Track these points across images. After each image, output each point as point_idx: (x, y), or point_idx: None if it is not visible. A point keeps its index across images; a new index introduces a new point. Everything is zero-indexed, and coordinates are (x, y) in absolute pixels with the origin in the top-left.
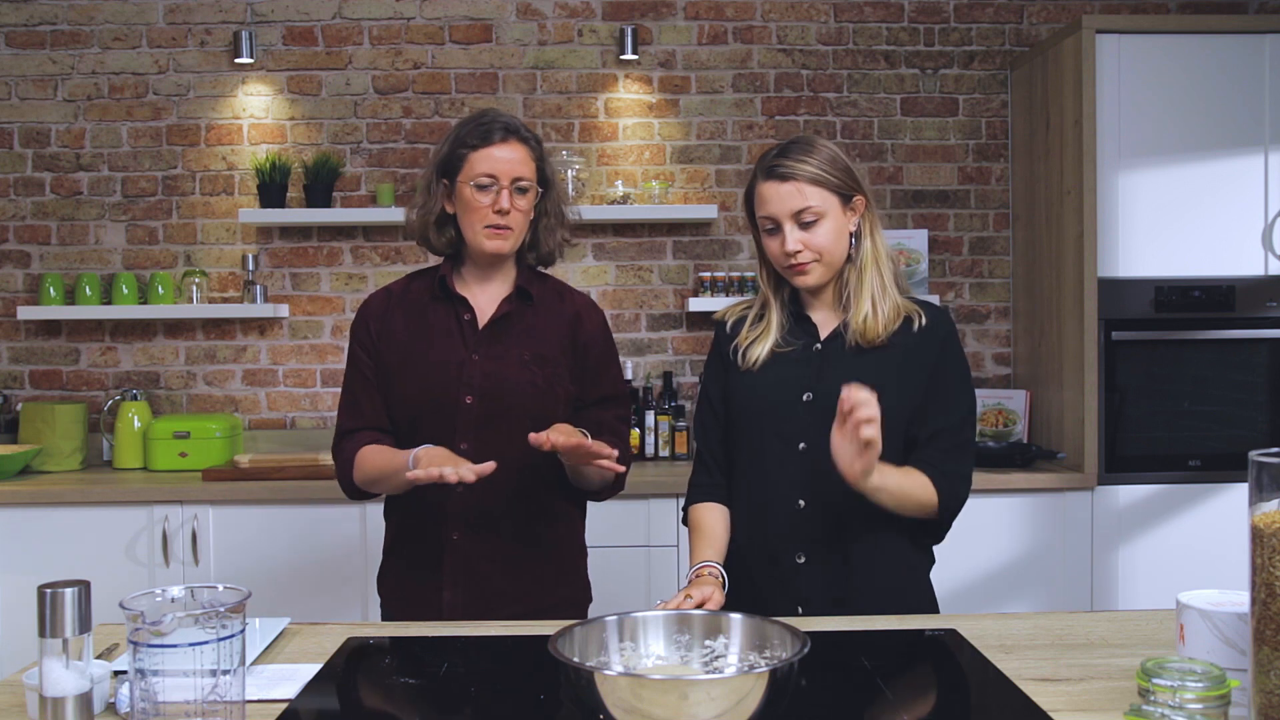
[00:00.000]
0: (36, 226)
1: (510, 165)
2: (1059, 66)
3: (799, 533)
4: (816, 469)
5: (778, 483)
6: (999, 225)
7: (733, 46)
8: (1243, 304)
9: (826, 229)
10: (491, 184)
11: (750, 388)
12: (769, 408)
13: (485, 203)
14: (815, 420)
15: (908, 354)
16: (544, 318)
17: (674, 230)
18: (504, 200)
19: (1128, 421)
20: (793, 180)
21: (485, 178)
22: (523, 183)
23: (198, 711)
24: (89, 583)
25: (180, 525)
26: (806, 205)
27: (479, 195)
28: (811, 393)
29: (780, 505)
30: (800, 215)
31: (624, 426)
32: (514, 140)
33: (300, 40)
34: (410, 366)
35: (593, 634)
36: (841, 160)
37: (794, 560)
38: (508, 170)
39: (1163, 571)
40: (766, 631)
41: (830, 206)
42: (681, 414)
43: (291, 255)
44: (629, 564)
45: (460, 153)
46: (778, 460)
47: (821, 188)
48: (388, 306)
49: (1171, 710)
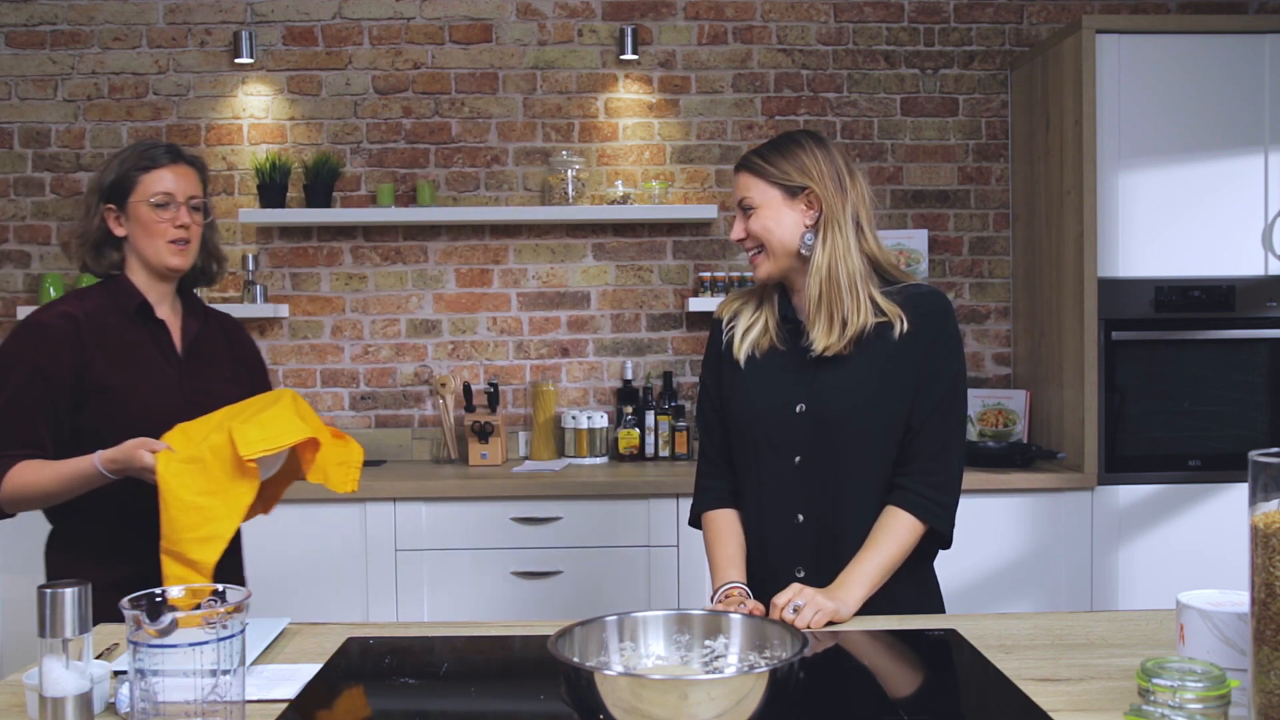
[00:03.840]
0: (36, 226)
1: (184, 184)
2: (1059, 66)
3: (798, 547)
4: (813, 483)
5: (775, 496)
6: (999, 225)
7: (733, 46)
8: (1243, 304)
9: (762, 218)
10: (168, 201)
11: (745, 395)
12: (763, 418)
13: (165, 218)
14: (809, 433)
15: (899, 353)
16: (217, 336)
17: (674, 230)
18: (184, 215)
19: (1128, 421)
20: (742, 171)
21: (162, 195)
22: (195, 201)
23: (198, 711)
24: (89, 583)
25: None
26: (746, 194)
27: (158, 213)
28: (804, 404)
29: (778, 519)
30: (742, 203)
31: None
32: (181, 163)
33: (300, 40)
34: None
35: (593, 634)
36: (809, 157)
37: (793, 574)
38: (182, 189)
39: (1163, 571)
40: (766, 631)
41: (768, 196)
42: (681, 414)
43: (291, 255)
44: (629, 564)
45: (132, 175)
46: (774, 473)
47: (761, 178)
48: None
49: (1171, 710)
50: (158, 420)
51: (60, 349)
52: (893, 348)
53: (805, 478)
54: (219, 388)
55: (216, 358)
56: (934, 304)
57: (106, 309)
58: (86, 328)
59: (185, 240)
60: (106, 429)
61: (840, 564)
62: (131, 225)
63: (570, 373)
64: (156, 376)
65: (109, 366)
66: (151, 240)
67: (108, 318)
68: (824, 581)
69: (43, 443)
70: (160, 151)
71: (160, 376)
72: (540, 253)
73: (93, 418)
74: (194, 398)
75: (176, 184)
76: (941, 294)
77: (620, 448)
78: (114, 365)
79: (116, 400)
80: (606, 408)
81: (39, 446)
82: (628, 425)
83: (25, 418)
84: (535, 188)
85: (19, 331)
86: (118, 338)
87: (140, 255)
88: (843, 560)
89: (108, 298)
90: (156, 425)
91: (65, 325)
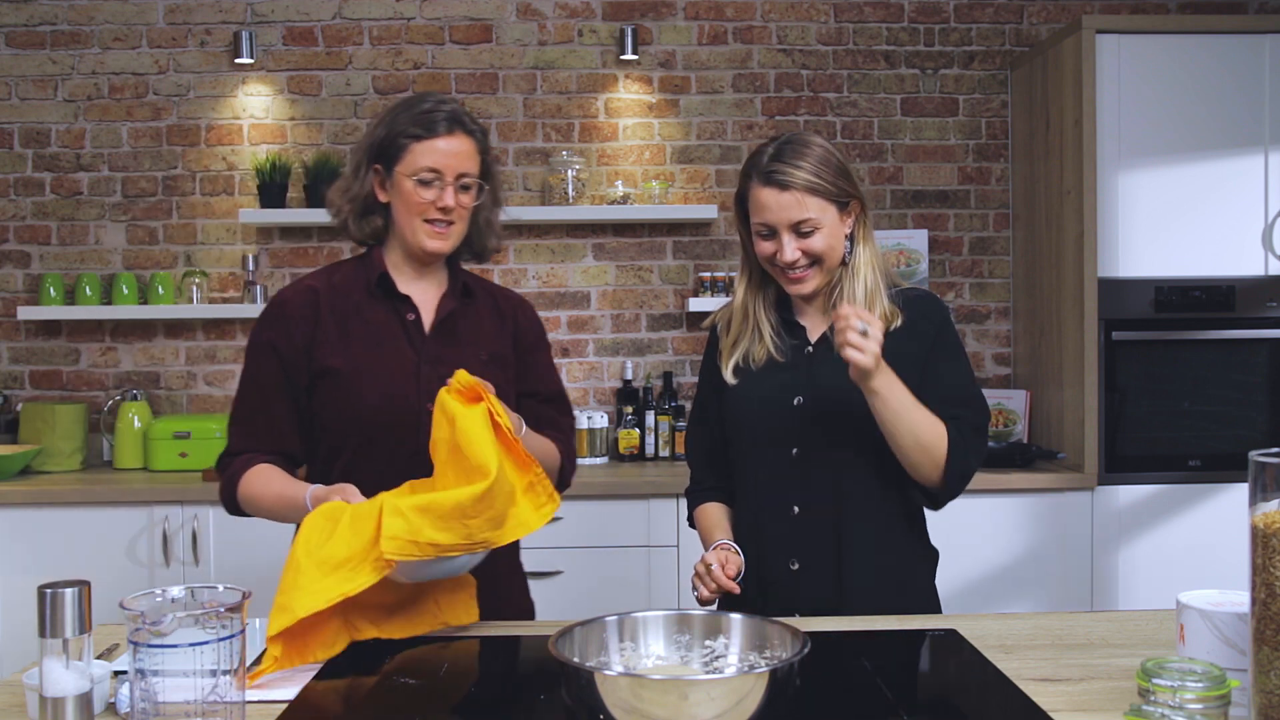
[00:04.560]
0: (36, 226)
1: (456, 160)
2: (1059, 66)
3: (794, 539)
4: (810, 475)
5: (772, 489)
6: (999, 225)
7: (733, 46)
8: (1243, 304)
9: (823, 236)
10: (434, 179)
11: (741, 393)
12: (760, 413)
13: (427, 199)
14: (806, 425)
15: (899, 352)
16: (486, 315)
17: (674, 230)
18: (448, 198)
19: (1128, 421)
20: (791, 190)
21: (428, 173)
22: (467, 179)
23: (198, 711)
24: (89, 583)
25: (180, 525)
26: (806, 216)
27: (421, 191)
28: (802, 396)
29: (775, 512)
30: (799, 226)
31: (571, 425)
32: (460, 132)
33: (300, 40)
34: (361, 377)
35: (593, 634)
36: (835, 160)
37: (788, 567)
38: (454, 166)
39: (1163, 571)
40: (766, 632)
41: (828, 216)
42: (681, 414)
43: (291, 255)
44: (629, 564)
45: (401, 142)
46: (770, 466)
47: (820, 197)
48: (315, 305)
49: (1171, 710)
50: (384, 410)
51: (294, 324)
52: (890, 348)
53: (802, 470)
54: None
55: (473, 341)
56: (933, 308)
57: (352, 283)
58: (326, 302)
59: (447, 223)
60: (330, 416)
61: (836, 556)
62: (394, 195)
63: (570, 373)
64: (389, 360)
65: (337, 346)
66: (410, 218)
67: (353, 293)
68: (820, 576)
69: (281, 430)
70: (440, 117)
71: (394, 361)
72: (540, 253)
73: (317, 403)
74: (430, 386)
75: (448, 159)
76: (939, 298)
77: (620, 448)
78: (344, 345)
79: (339, 385)
80: (606, 408)
81: (278, 436)
82: (628, 425)
83: (263, 401)
84: (535, 188)
85: (264, 309)
86: (357, 315)
87: (398, 229)
88: (838, 552)
89: (357, 271)
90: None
91: (302, 299)
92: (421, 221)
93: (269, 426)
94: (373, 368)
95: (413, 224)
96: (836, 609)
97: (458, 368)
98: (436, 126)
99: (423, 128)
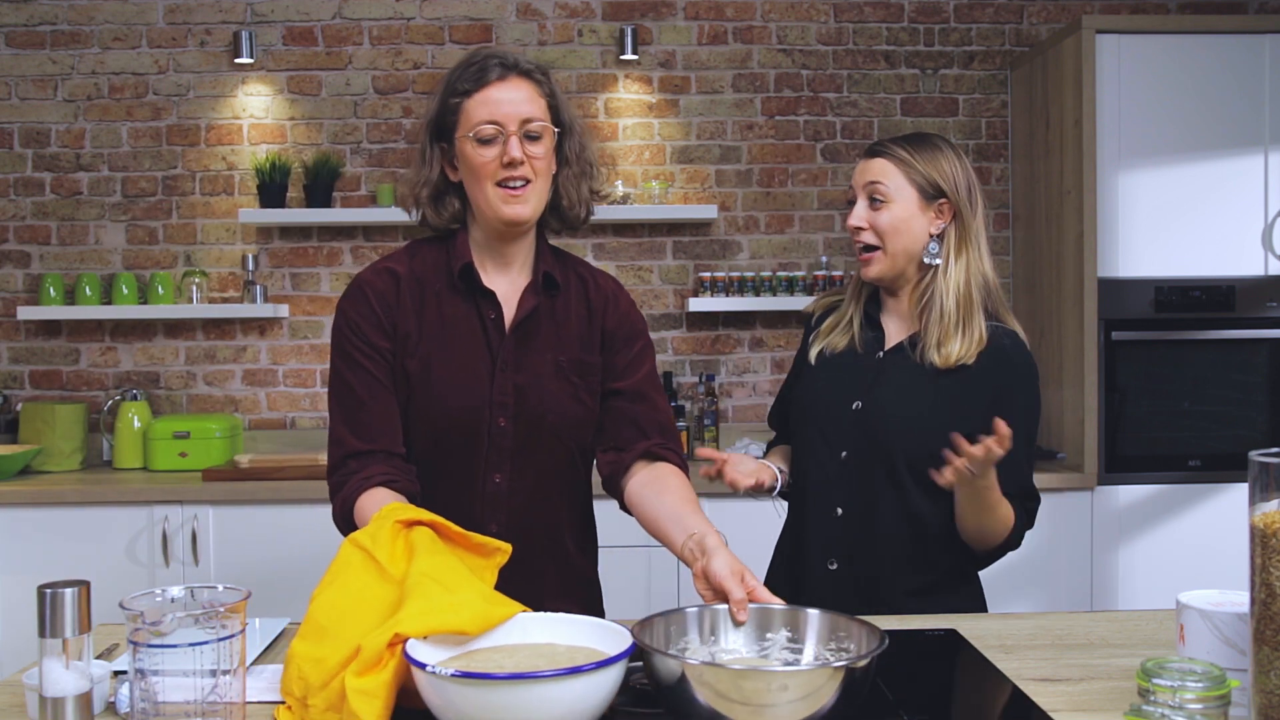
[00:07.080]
0: (36, 226)
1: (515, 106)
2: (1059, 66)
3: (833, 540)
4: (855, 479)
5: (819, 488)
6: (999, 225)
7: (733, 46)
8: (1243, 304)
9: (893, 214)
10: (496, 134)
11: (809, 383)
12: (818, 411)
13: (491, 156)
14: (860, 430)
15: (972, 382)
16: (573, 311)
17: (674, 230)
18: (514, 149)
19: (1128, 421)
20: (880, 157)
21: (487, 125)
22: (533, 125)
23: (198, 711)
24: (89, 583)
25: (180, 525)
26: (878, 180)
27: (483, 150)
28: (861, 402)
29: (819, 510)
30: (872, 188)
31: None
32: (514, 76)
33: (300, 40)
34: (431, 377)
35: (674, 623)
36: (950, 165)
37: (827, 567)
38: (512, 113)
39: (1163, 571)
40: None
41: (903, 196)
42: (681, 414)
43: (291, 255)
44: (629, 564)
45: (453, 103)
46: (820, 465)
47: (901, 173)
48: (396, 290)
49: (1171, 710)
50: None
51: (374, 306)
52: (966, 376)
53: (849, 473)
54: (547, 385)
55: (552, 344)
56: (1020, 357)
57: (433, 270)
58: (407, 289)
59: (521, 180)
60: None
61: (873, 561)
62: (462, 167)
63: None
64: (463, 362)
65: (410, 344)
66: (481, 186)
67: (434, 281)
68: (856, 580)
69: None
70: (491, 65)
71: (467, 363)
72: None
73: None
74: (501, 397)
75: (506, 107)
76: (1027, 349)
77: None
78: (416, 344)
79: (408, 383)
80: None
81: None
82: None
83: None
84: None
85: (346, 291)
86: (435, 307)
87: (474, 205)
88: (875, 558)
89: (440, 256)
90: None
91: (382, 282)
92: (493, 186)
93: (382, 420)
94: (447, 368)
95: (485, 192)
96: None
97: (531, 374)
98: (487, 75)
99: (472, 81)
